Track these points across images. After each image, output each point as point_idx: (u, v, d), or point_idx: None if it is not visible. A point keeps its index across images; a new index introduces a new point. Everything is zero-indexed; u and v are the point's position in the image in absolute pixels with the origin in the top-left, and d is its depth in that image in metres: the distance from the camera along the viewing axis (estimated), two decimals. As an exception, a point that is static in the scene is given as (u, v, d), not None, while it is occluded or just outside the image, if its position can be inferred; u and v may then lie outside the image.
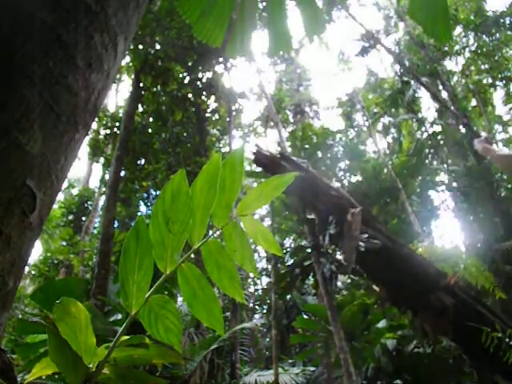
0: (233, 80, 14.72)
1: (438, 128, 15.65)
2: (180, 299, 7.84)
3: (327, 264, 6.25)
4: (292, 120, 21.89)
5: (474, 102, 18.44)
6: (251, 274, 13.70)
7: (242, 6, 2.15)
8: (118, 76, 15.43)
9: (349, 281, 10.93)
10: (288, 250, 11.68)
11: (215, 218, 1.22)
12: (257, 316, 17.64)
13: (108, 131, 13.98)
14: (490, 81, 18.21)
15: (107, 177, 13.50)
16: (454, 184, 14.12)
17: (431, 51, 15.70)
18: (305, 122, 18.67)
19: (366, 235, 4.88)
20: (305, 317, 10.26)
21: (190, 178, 1.15)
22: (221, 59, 13.39)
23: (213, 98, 14.50)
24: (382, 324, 8.17)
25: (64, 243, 15.02)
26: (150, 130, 14.06)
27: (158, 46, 12.38)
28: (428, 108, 18.03)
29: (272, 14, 2.23)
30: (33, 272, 14.98)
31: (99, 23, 1.02)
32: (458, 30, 17.76)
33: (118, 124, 13.44)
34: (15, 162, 0.80)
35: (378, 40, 15.93)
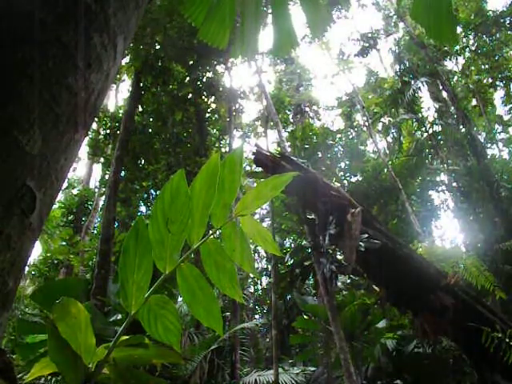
0: (233, 80, 14.68)
1: (438, 128, 15.63)
2: (180, 299, 7.84)
3: (327, 264, 6.25)
4: (292, 120, 21.87)
5: (474, 102, 18.42)
6: (251, 274, 13.66)
7: (245, 7, 2.15)
8: (118, 76, 15.43)
9: (349, 281, 10.92)
10: (288, 250, 11.66)
11: (214, 218, 1.22)
12: (257, 316, 17.63)
13: (108, 131, 13.98)
14: (490, 81, 18.20)
15: (107, 177, 13.49)
16: (454, 184, 14.11)
17: (431, 51, 15.70)
18: (305, 122, 18.66)
19: (366, 235, 4.88)
20: (305, 317, 10.25)
21: (190, 178, 1.15)
22: (221, 59, 13.39)
23: (213, 97, 14.50)
24: (382, 324, 8.16)
25: (64, 243, 15.00)
26: (150, 130, 14.05)
27: (157, 46, 12.38)
28: (428, 108, 17.95)
29: (276, 12, 2.22)
30: (33, 272, 14.98)
31: (99, 23, 1.02)
32: (458, 29, 17.76)
33: (118, 124, 13.44)
34: (15, 162, 0.80)
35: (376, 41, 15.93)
